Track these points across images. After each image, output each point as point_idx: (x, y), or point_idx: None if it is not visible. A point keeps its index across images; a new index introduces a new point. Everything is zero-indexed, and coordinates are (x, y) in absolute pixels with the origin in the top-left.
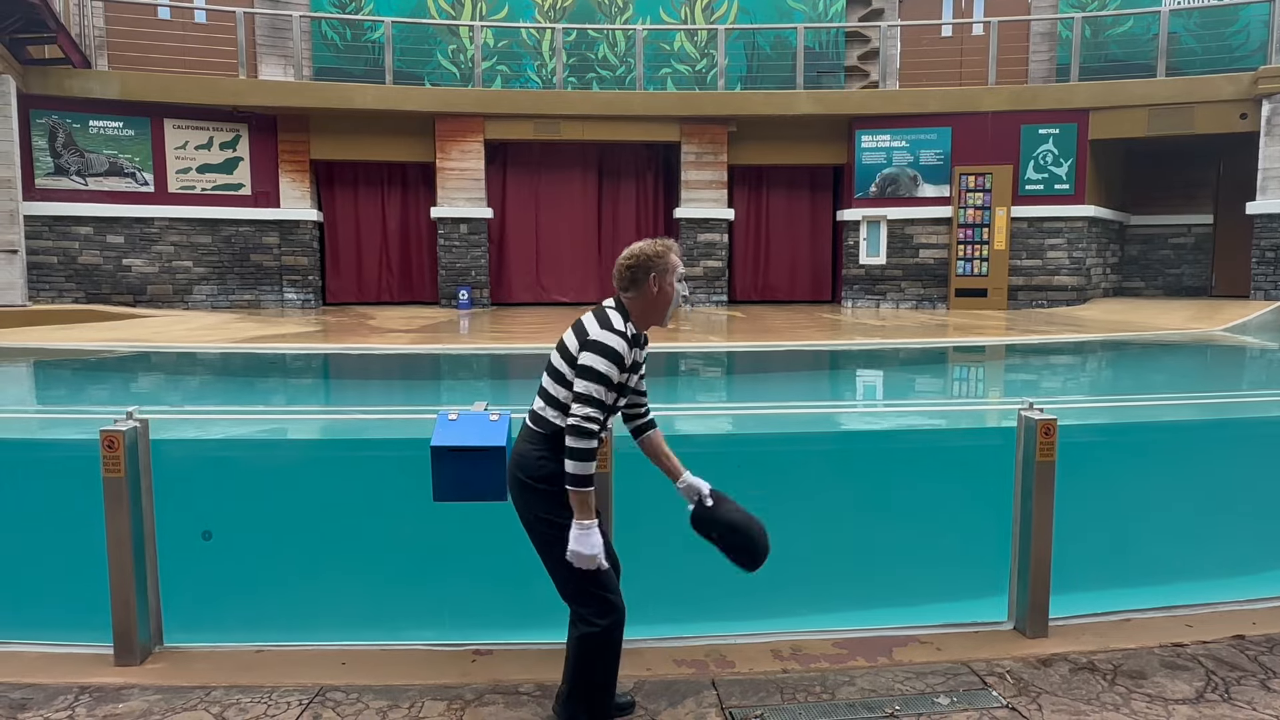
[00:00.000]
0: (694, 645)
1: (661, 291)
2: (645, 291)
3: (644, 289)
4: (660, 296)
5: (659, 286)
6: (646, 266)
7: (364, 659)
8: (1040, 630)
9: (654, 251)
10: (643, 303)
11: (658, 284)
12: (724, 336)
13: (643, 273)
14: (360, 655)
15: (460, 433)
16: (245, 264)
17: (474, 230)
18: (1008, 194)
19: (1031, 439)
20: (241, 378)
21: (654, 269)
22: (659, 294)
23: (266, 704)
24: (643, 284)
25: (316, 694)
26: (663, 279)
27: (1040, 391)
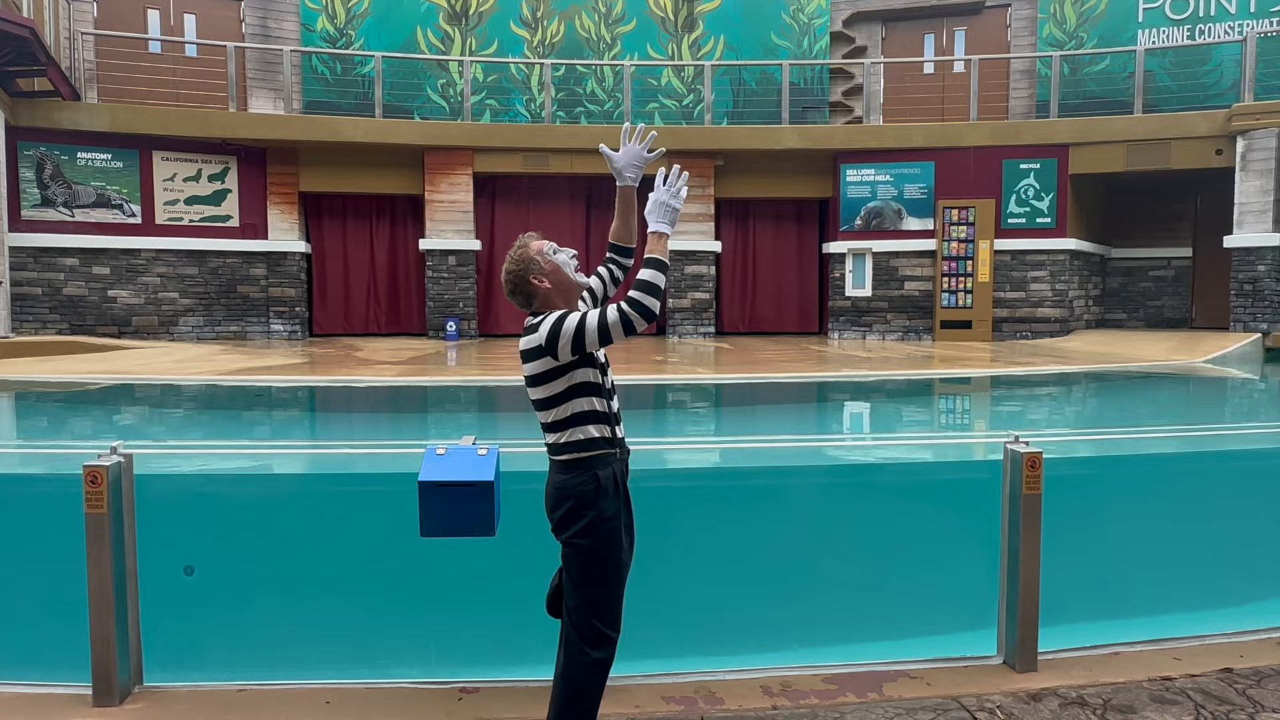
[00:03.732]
0: (683, 682)
1: (551, 276)
2: (541, 292)
3: (538, 291)
4: (554, 280)
5: (544, 277)
6: (522, 274)
7: (348, 698)
8: (1029, 664)
9: (516, 263)
10: (548, 297)
11: (542, 278)
12: (711, 368)
13: (524, 284)
14: (345, 694)
15: (448, 467)
16: (232, 295)
17: (462, 262)
18: (990, 227)
19: (1018, 472)
20: (227, 410)
21: (529, 271)
22: (553, 280)
23: None
24: (535, 290)
25: None
26: (541, 270)
27: (1026, 424)
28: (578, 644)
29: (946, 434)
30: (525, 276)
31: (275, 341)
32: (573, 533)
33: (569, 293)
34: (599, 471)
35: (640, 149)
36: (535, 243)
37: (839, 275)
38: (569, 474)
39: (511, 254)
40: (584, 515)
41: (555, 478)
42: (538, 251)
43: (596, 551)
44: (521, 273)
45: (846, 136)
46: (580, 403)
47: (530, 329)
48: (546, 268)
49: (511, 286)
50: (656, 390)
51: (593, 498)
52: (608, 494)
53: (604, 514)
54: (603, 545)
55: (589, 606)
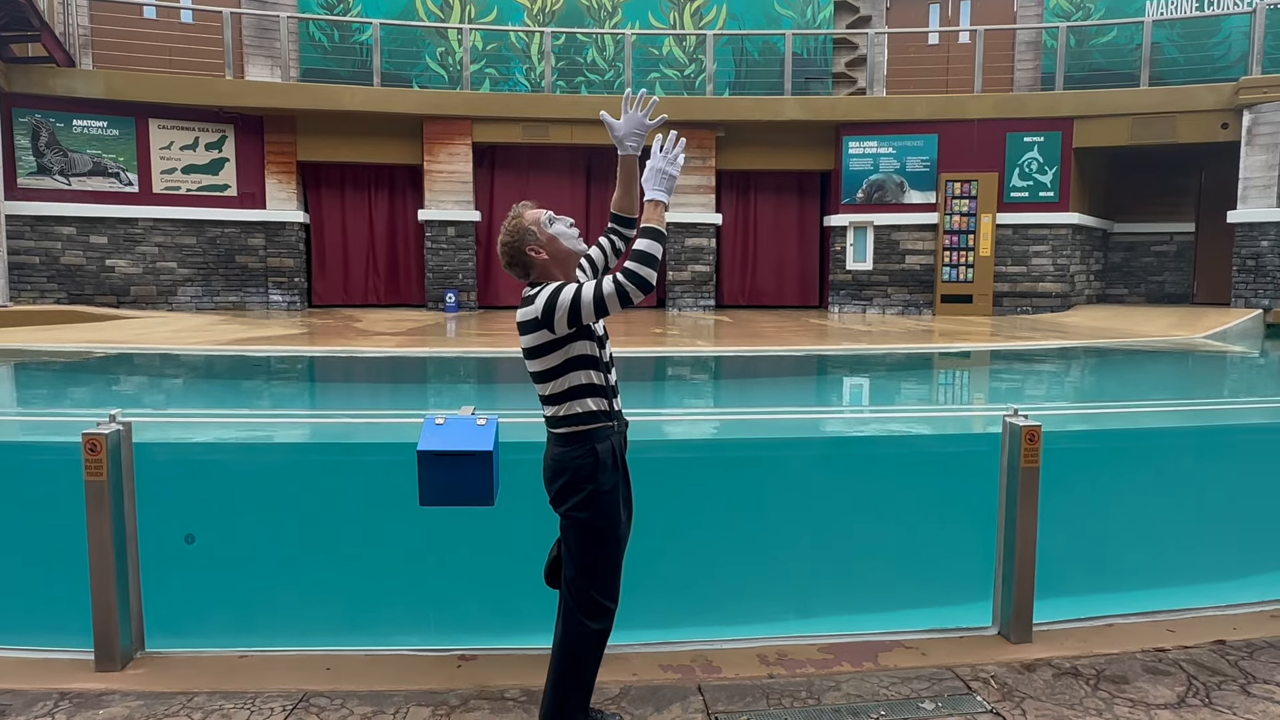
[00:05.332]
0: (680, 650)
1: (547, 247)
2: (538, 263)
3: (535, 262)
4: (552, 250)
5: (542, 248)
6: (519, 247)
7: (349, 664)
8: (1024, 635)
9: (511, 234)
10: (545, 267)
11: (538, 249)
12: (711, 341)
13: (521, 255)
14: (345, 660)
15: (447, 437)
16: (230, 265)
17: (461, 233)
18: (993, 201)
19: (1016, 445)
20: (226, 380)
21: (524, 243)
22: (550, 250)
23: (250, 710)
24: (531, 261)
25: (300, 699)
26: (537, 240)
27: (1025, 398)
28: (576, 614)
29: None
30: (521, 248)
31: (274, 312)
32: (571, 505)
33: (567, 262)
34: (597, 445)
35: (641, 116)
36: (530, 212)
37: (840, 249)
38: (567, 447)
39: (506, 224)
40: (582, 488)
41: (553, 450)
42: (533, 221)
43: (594, 524)
44: (517, 244)
45: (849, 108)
46: (578, 376)
47: (527, 300)
48: (542, 238)
49: (508, 258)
50: (656, 363)
51: (591, 471)
52: (606, 467)
53: (602, 487)
54: (601, 518)
55: (587, 578)
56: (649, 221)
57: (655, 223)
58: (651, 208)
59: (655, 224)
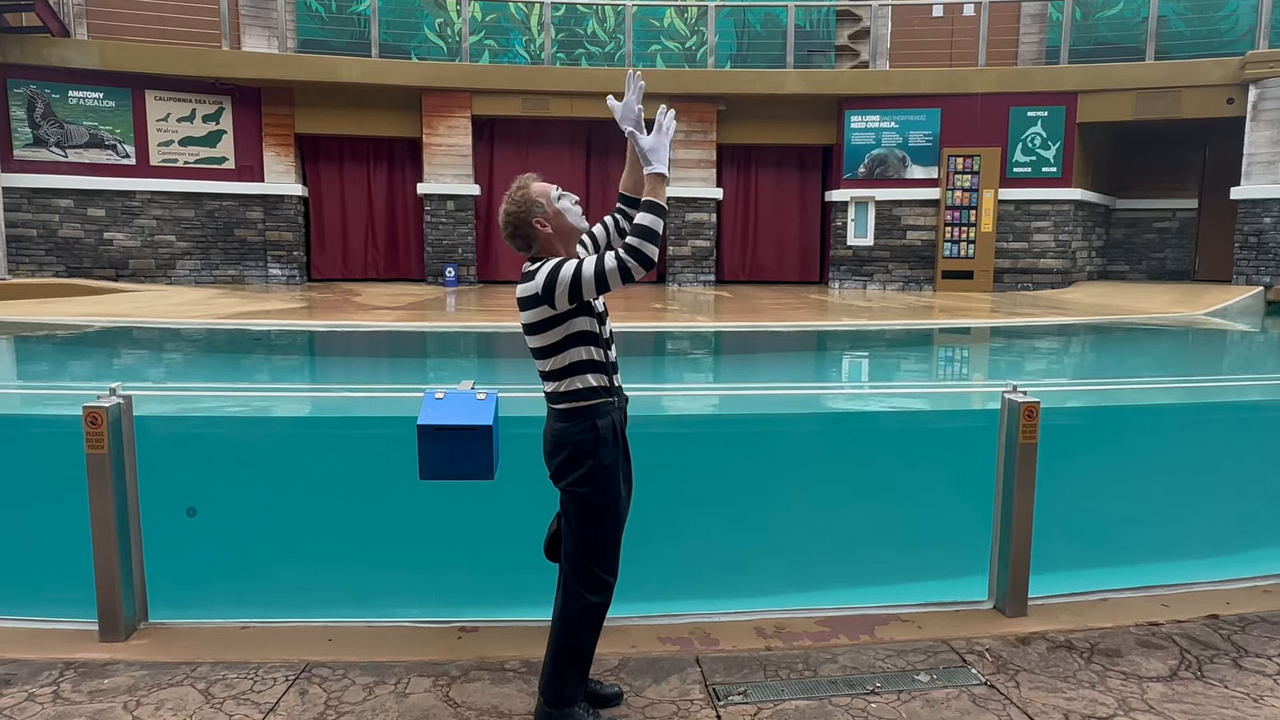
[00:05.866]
0: (678, 623)
1: (553, 221)
2: (542, 236)
3: (539, 236)
4: (557, 225)
5: (547, 222)
6: (524, 218)
7: (350, 635)
8: (1020, 610)
9: (517, 204)
10: (548, 241)
11: (545, 222)
12: (710, 316)
13: (525, 227)
14: (346, 632)
15: (447, 411)
16: (229, 239)
17: (461, 207)
18: (995, 176)
19: (1014, 421)
20: (226, 354)
21: (531, 214)
22: (555, 225)
23: (253, 679)
24: (535, 234)
25: (303, 670)
26: (545, 214)
27: (1024, 374)
28: (575, 588)
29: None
30: (527, 219)
31: (273, 286)
32: (571, 480)
33: (570, 239)
34: (597, 420)
35: (632, 99)
36: (537, 184)
37: (841, 224)
38: (567, 422)
39: (512, 194)
40: (582, 464)
41: (553, 426)
42: (541, 194)
43: (594, 499)
44: (523, 215)
45: (851, 81)
46: (578, 351)
47: (527, 276)
48: (549, 211)
49: (511, 228)
50: (656, 338)
51: (591, 446)
52: (606, 443)
53: (602, 462)
54: (601, 493)
55: (587, 552)
56: (650, 195)
57: (657, 197)
58: (653, 181)
59: (656, 198)
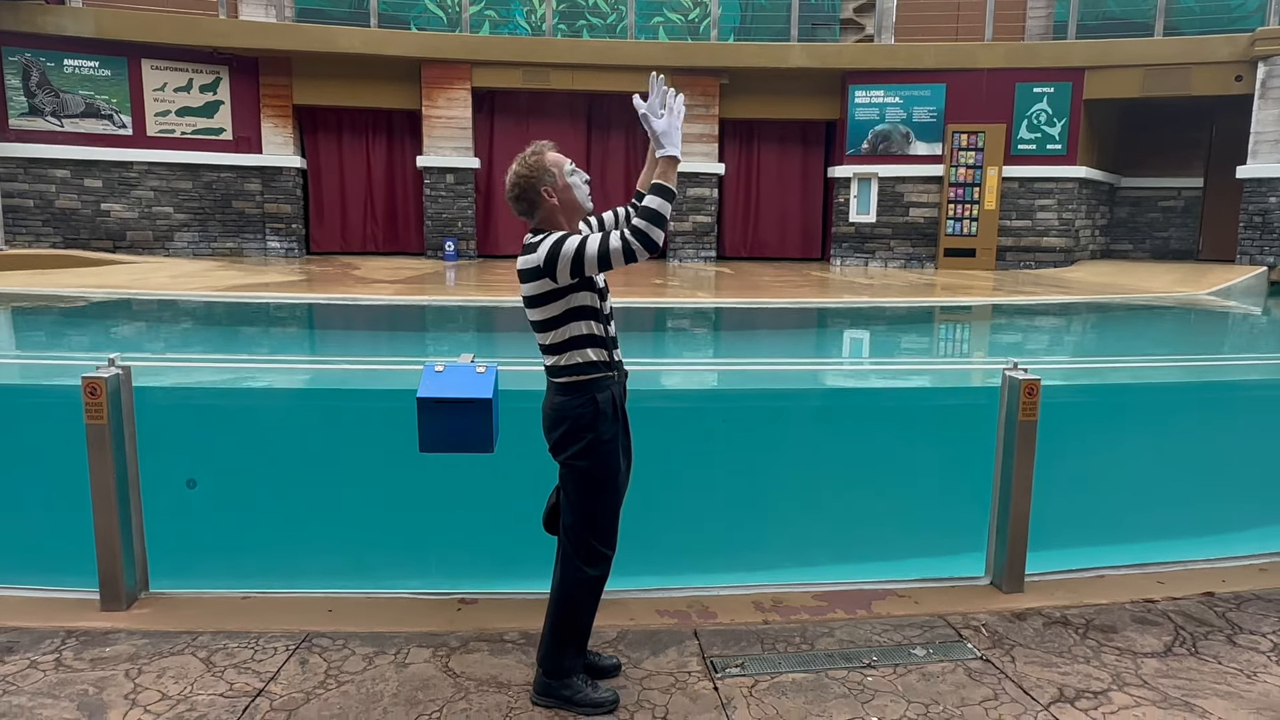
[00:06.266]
0: (676, 596)
1: (561, 193)
2: (546, 207)
3: (543, 205)
4: (563, 199)
5: (555, 193)
6: (533, 184)
7: (350, 606)
8: (1016, 586)
9: (529, 168)
10: (551, 213)
11: (553, 192)
12: (711, 292)
13: (533, 193)
14: (347, 603)
15: (446, 384)
16: (227, 211)
17: (461, 180)
18: (1000, 153)
19: (1015, 398)
20: (225, 326)
21: (541, 183)
22: (561, 199)
23: (253, 649)
24: (541, 202)
25: (303, 639)
26: (554, 185)
27: (1025, 352)
28: (574, 561)
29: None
30: (536, 185)
31: (272, 259)
32: (570, 454)
33: (573, 214)
34: (597, 394)
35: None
36: (552, 154)
37: (843, 200)
38: (567, 396)
39: (524, 157)
40: (582, 437)
41: (553, 399)
42: (554, 164)
43: (593, 472)
44: (533, 180)
45: (856, 55)
46: (578, 326)
47: (529, 248)
48: (559, 183)
49: (517, 191)
50: (656, 314)
51: (590, 420)
52: (605, 417)
53: (601, 436)
54: (600, 466)
55: (585, 525)
56: (660, 178)
57: (667, 180)
58: (665, 164)
59: (667, 182)
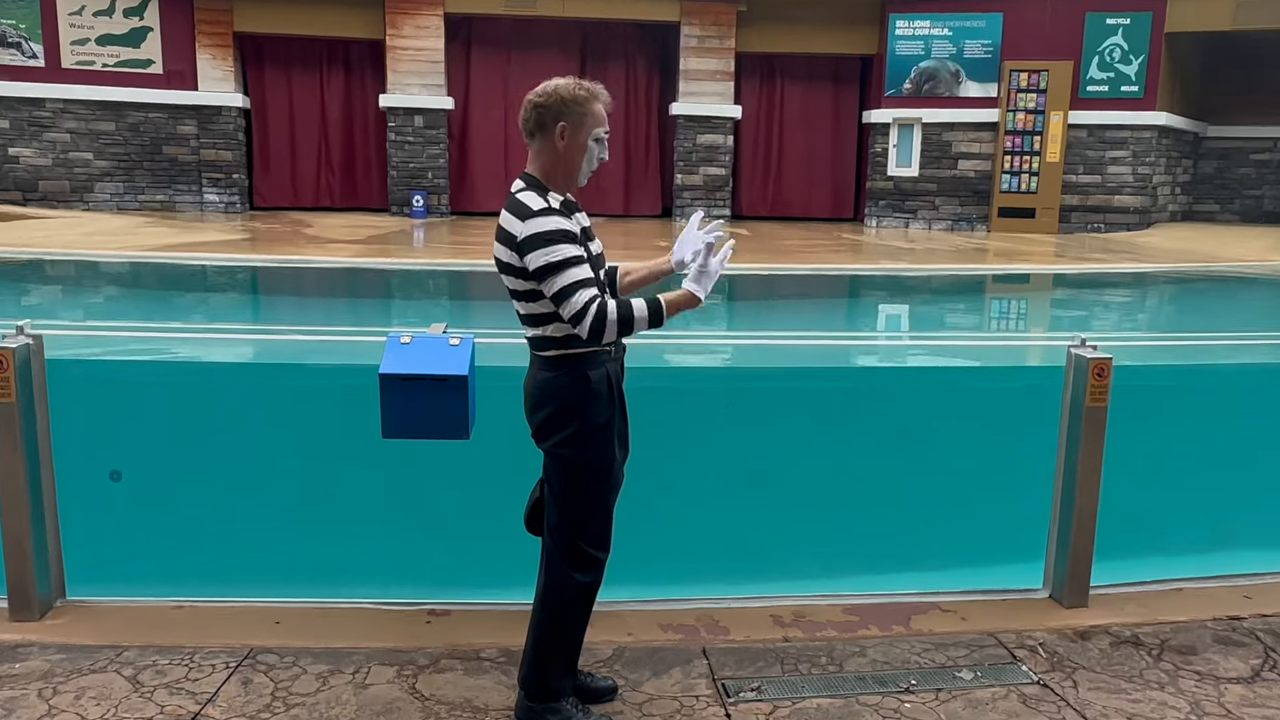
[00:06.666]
0: (682, 609)
1: (573, 146)
2: (551, 143)
3: (550, 138)
4: (570, 151)
5: (569, 139)
6: (558, 111)
7: (302, 618)
8: (1079, 599)
9: (571, 95)
10: (549, 157)
11: (568, 136)
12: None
13: (551, 117)
14: (297, 614)
15: (414, 359)
16: (157, 158)
17: (431, 124)
18: (1066, 96)
19: (1081, 380)
20: (154, 292)
21: (566, 116)
22: (568, 148)
23: (188, 666)
24: (550, 132)
25: (246, 656)
26: (576, 132)
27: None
28: (560, 565)
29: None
30: (560, 114)
31: (210, 215)
32: (557, 441)
33: (567, 176)
34: (589, 371)
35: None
36: (599, 107)
37: (881, 150)
38: (554, 372)
39: (577, 83)
40: (571, 421)
41: (538, 375)
42: (594, 117)
43: (584, 462)
44: (561, 108)
45: None
46: None
47: (514, 207)
48: (580, 138)
49: (542, 100)
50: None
51: (581, 401)
52: (599, 398)
53: (594, 420)
54: (591, 456)
55: (574, 524)
56: (669, 304)
57: (672, 312)
58: (685, 298)
59: (671, 313)
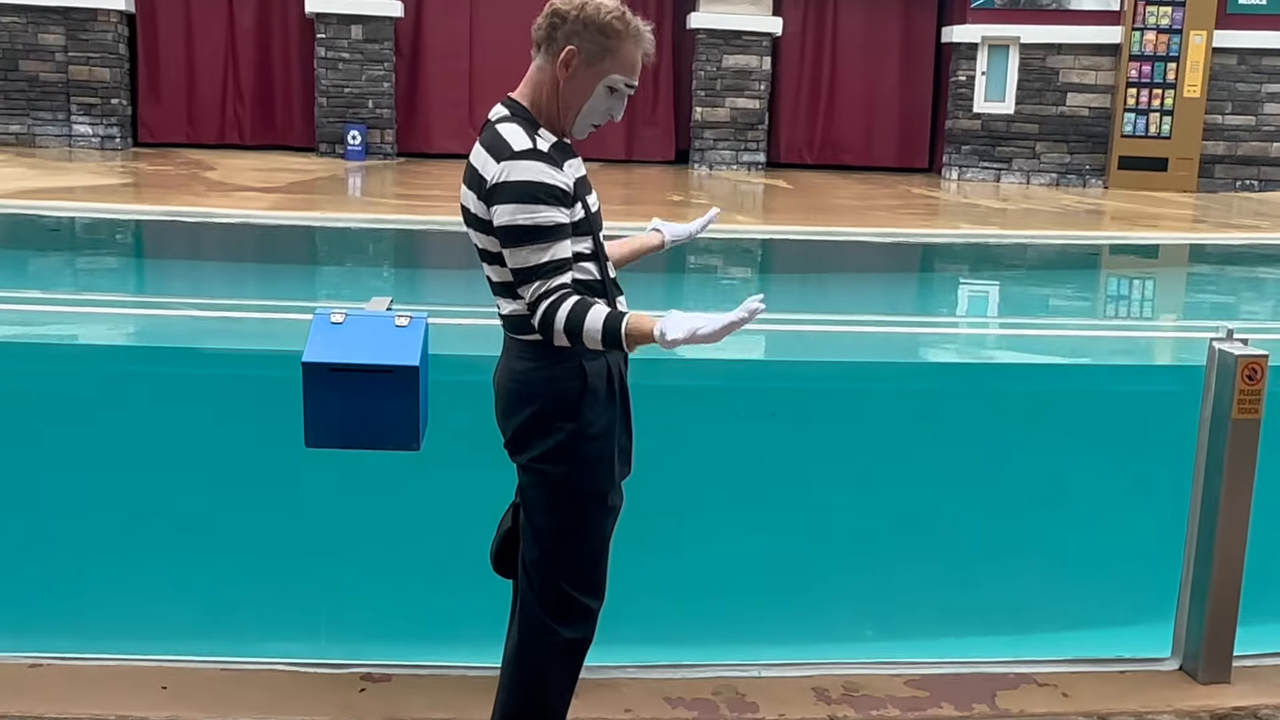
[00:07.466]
0: (697, 679)
1: (577, 82)
2: (551, 70)
3: (553, 60)
4: (572, 88)
5: (575, 71)
6: (573, 30)
7: (196, 682)
8: (1220, 674)
9: (599, 18)
10: (547, 84)
11: (574, 67)
12: (757, 216)
13: (563, 34)
14: (190, 676)
15: (349, 343)
16: (11, 76)
17: (372, 37)
18: (1211, 11)
19: (1227, 384)
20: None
21: (581, 40)
22: (570, 82)
23: None
24: (553, 55)
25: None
26: (588, 66)
27: (1239, 318)
28: (539, 616)
29: (1115, 324)
30: (568, 36)
31: (81, 151)
32: (539, 453)
33: (563, 114)
34: (585, 362)
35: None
36: (630, 47)
37: (965, 80)
38: (537, 362)
39: (615, 6)
40: (558, 427)
41: (514, 366)
42: (615, 51)
43: (573, 482)
44: (572, 27)
45: None
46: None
47: (490, 144)
48: (590, 74)
49: (549, 20)
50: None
51: (573, 401)
52: (597, 397)
53: (588, 427)
54: (583, 473)
55: (558, 563)
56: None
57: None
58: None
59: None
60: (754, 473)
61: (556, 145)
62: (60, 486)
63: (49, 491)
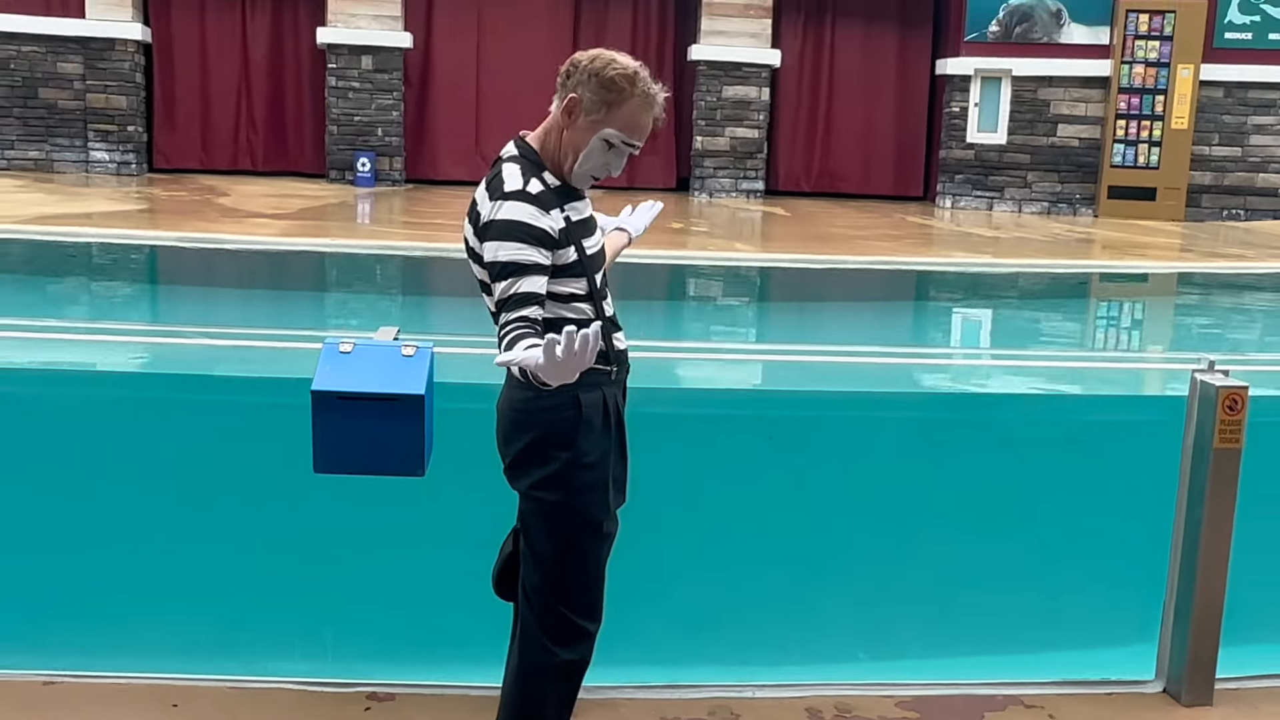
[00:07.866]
0: (692, 699)
1: (576, 131)
2: (558, 116)
3: (559, 108)
4: (571, 136)
5: (575, 121)
6: (580, 80)
7: (205, 700)
8: (1203, 696)
9: (605, 72)
10: (554, 134)
11: (576, 115)
12: (755, 244)
13: (572, 82)
14: (199, 694)
15: (357, 372)
16: (30, 104)
17: (382, 67)
18: (1198, 45)
19: (1209, 414)
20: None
21: (584, 91)
22: (573, 133)
23: None
24: (561, 102)
25: None
26: (586, 117)
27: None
28: (538, 639)
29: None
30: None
31: (98, 177)
32: (536, 480)
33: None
34: (582, 393)
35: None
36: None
37: (958, 111)
38: (535, 391)
39: (617, 56)
40: (555, 456)
41: (514, 395)
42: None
43: (570, 509)
44: (580, 78)
45: None
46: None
47: (490, 182)
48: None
49: (566, 68)
50: (671, 274)
51: (569, 431)
52: (592, 427)
53: (583, 456)
54: (578, 502)
55: (556, 587)
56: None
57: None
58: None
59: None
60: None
61: (559, 189)
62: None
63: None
